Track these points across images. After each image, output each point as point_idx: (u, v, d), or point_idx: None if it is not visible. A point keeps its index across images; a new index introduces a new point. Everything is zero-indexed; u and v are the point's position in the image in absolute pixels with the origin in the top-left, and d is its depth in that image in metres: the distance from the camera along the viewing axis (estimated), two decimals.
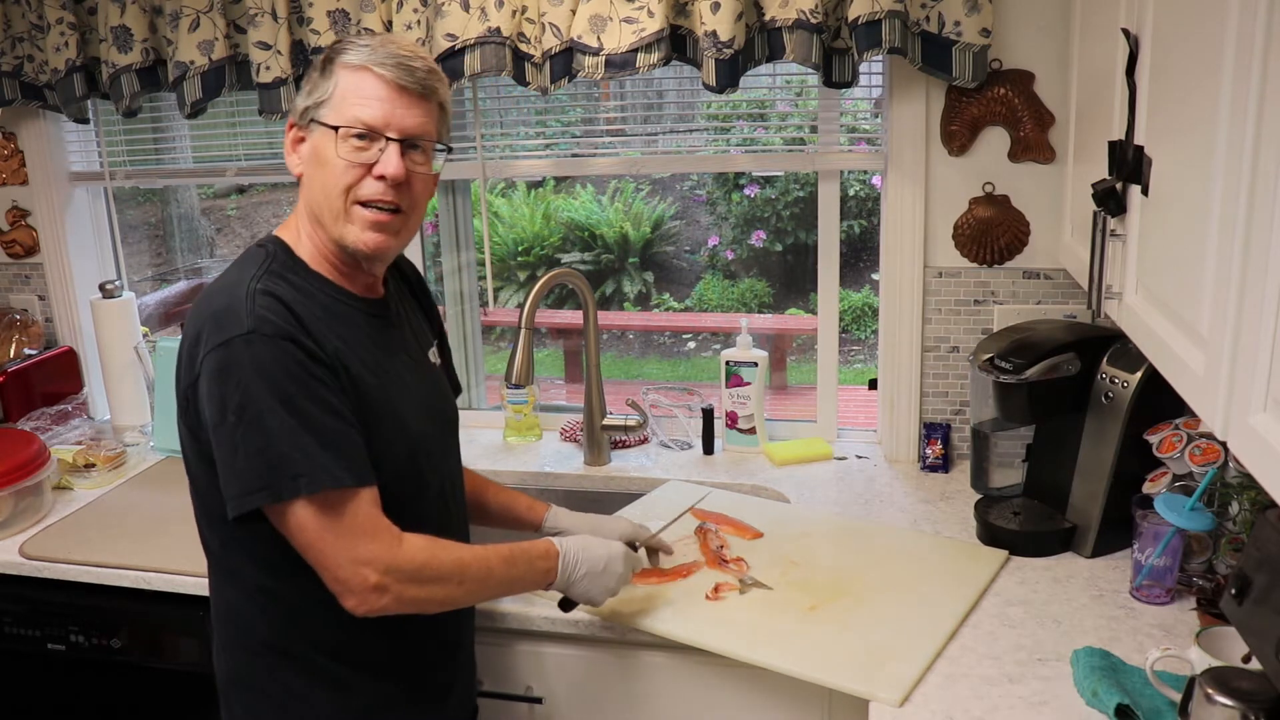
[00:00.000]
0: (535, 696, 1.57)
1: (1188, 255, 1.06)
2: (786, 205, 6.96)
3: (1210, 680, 1.10)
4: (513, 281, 7.06)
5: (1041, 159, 1.88)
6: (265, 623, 1.28)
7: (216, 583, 1.33)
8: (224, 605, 1.32)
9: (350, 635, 1.27)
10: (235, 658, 1.32)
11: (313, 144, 1.24)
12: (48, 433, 2.28)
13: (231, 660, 1.33)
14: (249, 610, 1.29)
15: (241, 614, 1.30)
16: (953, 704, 1.28)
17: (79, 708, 1.86)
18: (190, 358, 1.18)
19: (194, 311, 1.20)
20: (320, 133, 1.22)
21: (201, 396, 1.16)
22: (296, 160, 1.26)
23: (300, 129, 1.25)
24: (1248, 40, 0.89)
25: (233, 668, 1.33)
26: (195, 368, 1.16)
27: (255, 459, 1.13)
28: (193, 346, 1.18)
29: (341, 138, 1.20)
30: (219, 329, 1.15)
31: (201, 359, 1.15)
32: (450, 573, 1.25)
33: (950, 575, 1.59)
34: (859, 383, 3.20)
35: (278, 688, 1.29)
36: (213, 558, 1.31)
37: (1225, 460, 1.46)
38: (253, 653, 1.30)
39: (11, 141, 2.40)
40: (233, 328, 1.14)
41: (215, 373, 1.14)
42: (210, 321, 1.16)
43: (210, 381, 1.14)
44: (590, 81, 1.89)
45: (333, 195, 1.22)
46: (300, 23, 2.00)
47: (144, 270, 5.56)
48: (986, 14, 1.76)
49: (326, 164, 1.22)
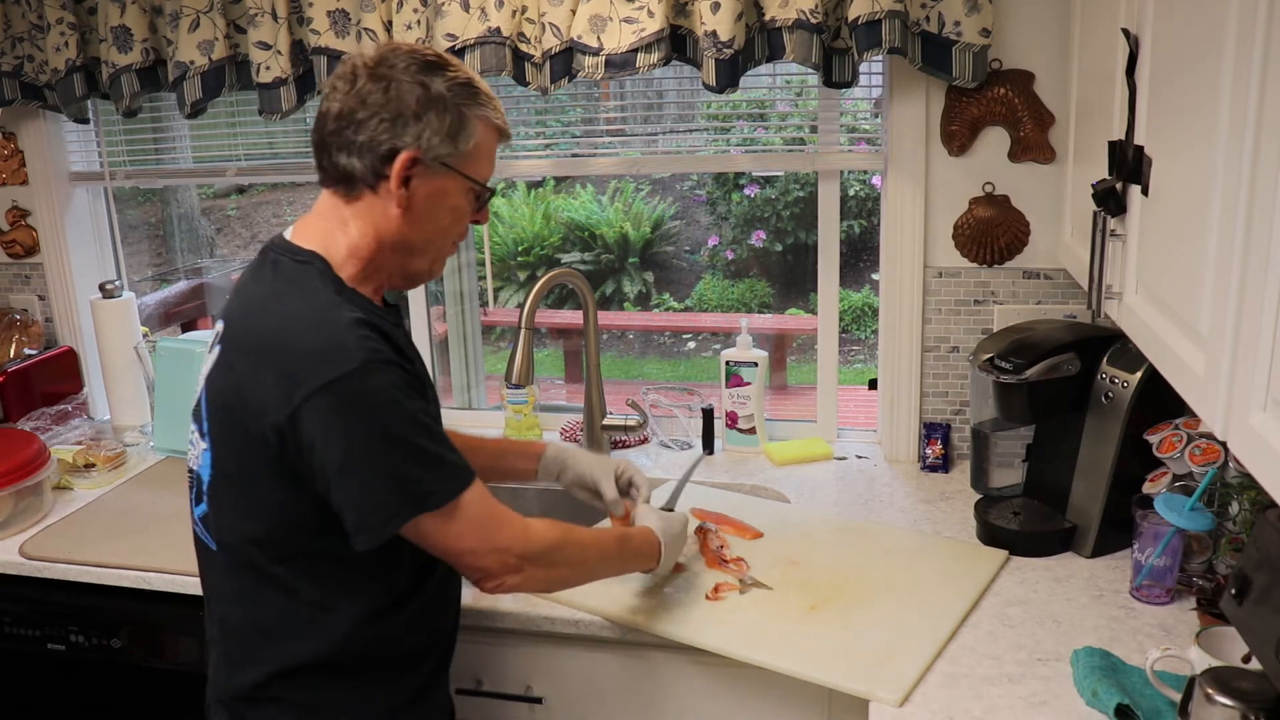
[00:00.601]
0: (535, 696, 1.57)
1: (1188, 255, 1.06)
2: (786, 205, 6.96)
3: (1210, 680, 1.10)
4: (513, 281, 7.06)
5: (1041, 159, 1.88)
6: (311, 639, 1.25)
7: (253, 601, 1.26)
8: (258, 623, 1.27)
9: (387, 646, 1.29)
10: (259, 673, 1.27)
11: (438, 186, 1.23)
12: (48, 433, 2.28)
13: (252, 675, 1.28)
14: (295, 627, 1.25)
15: (286, 631, 1.26)
16: (953, 704, 1.28)
17: (79, 708, 1.86)
18: (284, 394, 1.13)
19: (268, 343, 1.16)
20: (454, 181, 1.24)
21: (311, 433, 1.13)
22: (404, 193, 1.21)
23: (424, 165, 1.21)
24: (1248, 40, 0.89)
25: (254, 683, 1.28)
26: (292, 404, 1.12)
27: (390, 486, 1.15)
28: (285, 382, 1.13)
29: (478, 195, 1.27)
30: (325, 365, 1.12)
31: (308, 396, 1.12)
32: (573, 556, 1.34)
33: (950, 575, 1.59)
34: (859, 383, 3.21)
35: (304, 700, 1.28)
36: (258, 577, 1.25)
37: (1225, 460, 1.46)
38: (286, 669, 1.26)
39: (11, 141, 2.40)
40: (343, 363, 1.12)
41: (335, 409, 1.12)
42: (310, 359, 1.13)
43: (329, 418, 1.12)
44: (590, 81, 1.89)
45: (446, 241, 1.29)
46: (300, 23, 2.00)
47: (144, 270, 5.56)
48: (986, 14, 1.76)
49: (454, 213, 1.26)
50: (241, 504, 1.23)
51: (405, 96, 1.18)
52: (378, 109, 1.18)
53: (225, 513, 1.25)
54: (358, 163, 1.20)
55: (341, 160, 1.21)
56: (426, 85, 1.19)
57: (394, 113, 1.18)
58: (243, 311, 1.24)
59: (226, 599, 1.30)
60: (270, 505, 1.21)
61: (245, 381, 1.17)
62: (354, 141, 1.19)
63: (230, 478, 1.22)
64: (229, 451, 1.21)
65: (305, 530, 1.21)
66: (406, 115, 1.19)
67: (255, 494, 1.21)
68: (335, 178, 1.23)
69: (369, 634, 1.27)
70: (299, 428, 1.13)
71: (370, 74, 1.19)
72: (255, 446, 1.17)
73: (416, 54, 1.22)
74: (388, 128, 1.18)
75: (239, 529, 1.25)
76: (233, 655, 1.30)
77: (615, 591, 1.57)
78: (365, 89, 1.19)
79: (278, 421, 1.14)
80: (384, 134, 1.19)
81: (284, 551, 1.23)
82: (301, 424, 1.13)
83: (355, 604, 1.26)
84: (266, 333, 1.18)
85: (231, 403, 1.18)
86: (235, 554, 1.26)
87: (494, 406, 2.42)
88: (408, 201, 1.21)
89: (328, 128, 1.21)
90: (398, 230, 1.23)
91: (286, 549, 1.23)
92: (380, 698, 1.31)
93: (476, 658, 1.59)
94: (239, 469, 1.21)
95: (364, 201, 1.23)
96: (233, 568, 1.27)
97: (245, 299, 1.26)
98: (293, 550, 1.23)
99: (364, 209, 1.23)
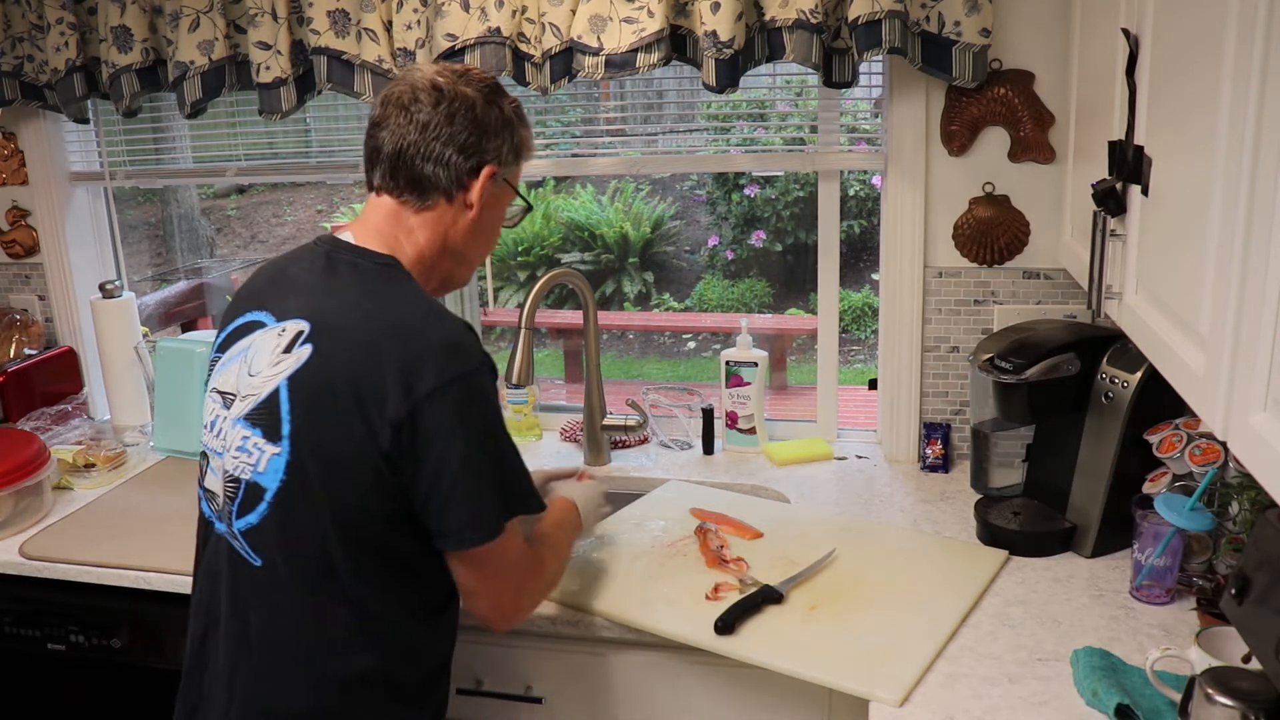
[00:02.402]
0: (535, 696, 1.57)
1: (1188, 255, 1.06)
2: (786, 205, 6.96)
3: (1210, 680, 1.10)
4: (513, 281, 7.06)
5: (1041, 159, 1.88)
6: (371, 649, 1.24)
7: (305, 613, 1.22)
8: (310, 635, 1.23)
9: (429, 655, 1.32)
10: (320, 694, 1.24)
11: (497, 199, 1.34)
12: (48, 433, 2.28)
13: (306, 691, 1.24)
14: (353, 639, 1.23)
15: (348, 643, 1.23)
16: (953, 704, 1.28)
17: (79, 708, 1.86)
18: (406, 387, 1.14)
19: (386, 338, 1.17)
20: (507, 194, 1.37)
21: (431, 427, 1.15)
22: (478, 205, 1.30)
23: (495, 179, 1.31)
24: (1248, 40, 0.89)
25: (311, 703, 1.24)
26: (415, 397, 1.14)
27: (502, 484, 1.21)
28: (408, 376, 1.14)
29: (519, 211, 1.41)
30: (451, 360, 1.17)
31: (433, 391, 1.14)
32: (557, 573, 1.43)
33: (950, 575, 1.59)
34: (859, 383, 3.20)
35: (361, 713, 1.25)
36: (316, 587, 1.21)
37: (1225, 460, 1.46)
38: (343, 685, 1.23)
39: (11, 141, 2.40)
40: (470, 360, 1.19)
41: (458, 405, 1.16)
42: (435, 354, 1.16)
43: (452, 413, 1.16)
44: (590, 81, 1.89)
45: (489, 249, 1.41)
46: (300, 23, 2.00)
47: (144, 270, 5.57)
48: (986, 14, 1.76)
49: (497, 225, 1.38)
50: (321, 505, 1.18)
51: (487, 116, 1.28)
52: (469, 124, 1.27)
53: (294, 518, 1.20)
54: (443, 173, 1.27)
55: (427, 170, 1.27)
56: (501, 107, 1.31)
57: (481, 130, 1.28)
58: (337, 310, 1.21)
59: (272, 619, 1.23)
60: (355, 504, 1.18)
61: (359, 375, 1.16)
62: (442, 154, 1.26)
63: (316, 483, 1.18)
64: (320, 450, 1.18)
65: (382, 531, 1.20)
66: (489, 132, 1.29)
67: (341, 493, 1.18)
68: (409, 187, 1.28)
69: (419, 641, 1.28)
70: (419, 421, 1.14)
71: (452, 93, 1.27)
72: (361, 441, 1.15)
73: (485, 79, 1.32)
74: (475, 142, 1.28)
75: (307, 535, 1.20)
76: (274, 673, 1.24)
77: (615, 591, 1.57)
78: (453, 106, 1.26)
79: (397, 415, 1.14)
80: (473, 148, 1.28)
81: (355, 553, 1.20)
82: (422, 417, 1.14)
83: (407, 610, 1.26)
84: (382, 329, 1.18)
85: (340, 402, 1.16)
86: (289, 566, 1.21)
87: None
88: (479, 210, 1.31)
89: (409, 138, 1.26)
90: (462, 238, 1.32)
91: (359, 550, 1.20)
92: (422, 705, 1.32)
93: (476, 658, 1.59)
94: (328, 468, 1.18)
95: (435, 211, 1.29)
96: (279, 582, 1.22)
97: (333, 299, 1.23)
98: (364, 552, 1.21)
99: (434, 218, 1.29)
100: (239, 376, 1.25)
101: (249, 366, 1.24)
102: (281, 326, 1.23)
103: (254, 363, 1.24)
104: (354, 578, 1.21)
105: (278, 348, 1.22)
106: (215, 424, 1.27)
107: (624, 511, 1.86)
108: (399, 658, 1.26)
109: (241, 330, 1.29)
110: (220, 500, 1.26)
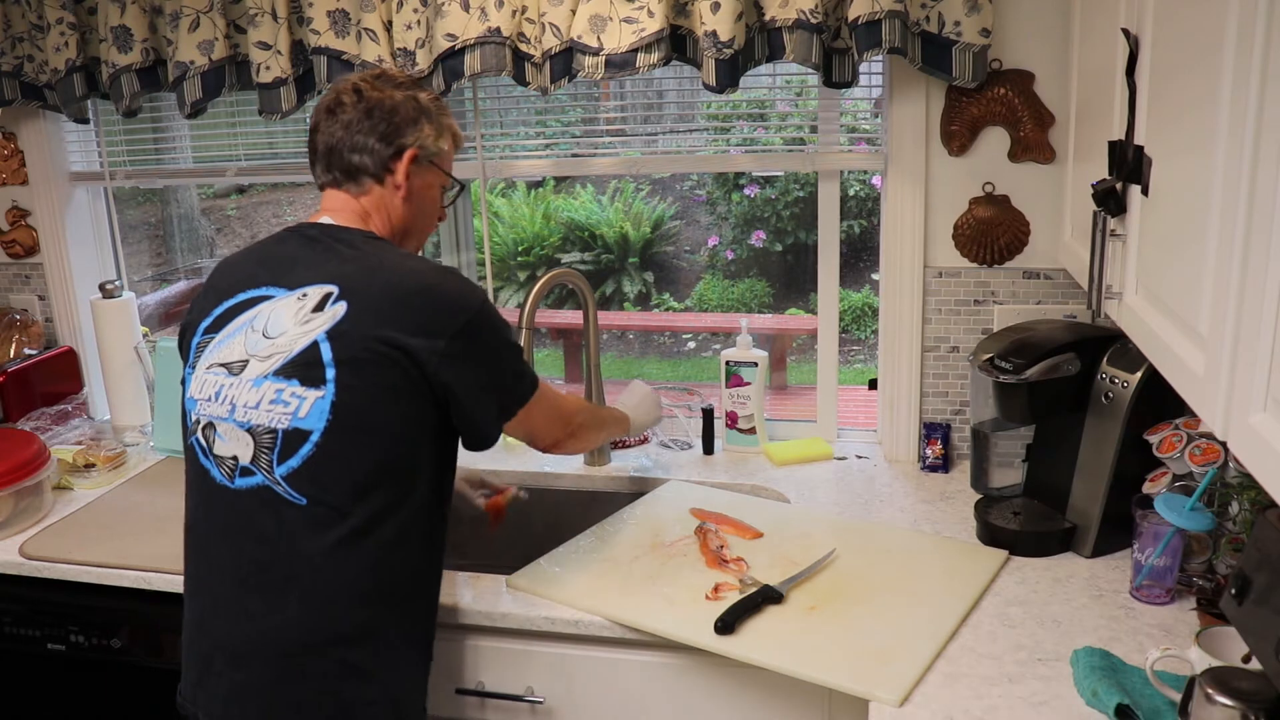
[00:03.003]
0: (536, 697, 1.57)
1: (1187, 255, 1.06)
2: (786, 205, 6.96)
3: (1210, 680, 1.10)
4: (513, 281, 7.06)
5: (1041, 159, 1.88)
6: (405, 569, 1.38)
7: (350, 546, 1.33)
8: (360, 561, 1.34)
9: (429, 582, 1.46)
10: (366, 611, 1.35)
11: (426, 180, 1.51)
12: (48, 433, 2.28)
13: (357, 615, 1.35)
14: (384, 564, 1.36)
15: (377, 568, 1.35)
16: (952, 704, 1.28)
17: (79, 708, 1.86)
18: (437, 329, 1.33)
19: (412, 291, 1.35)
20: (436, 175, 1.52)
21: (461, 360, 1.35)
22: (406, 186, 1.48)
23: (419, 161, 1.48)
24: (1248, 40, 0.89)
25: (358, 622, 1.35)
26: (444, 340, 1.33)
27: (517, 379, 1.44)
28: (435, 321, 1.34)
29: (444, 189, 1.55)
30: (469, 299, 1.38)
31: (459, 330, 1.34)
32: (596, 420, 1.71)
33: (950, 575, 1.59)
34: (859, 383, 3.21)
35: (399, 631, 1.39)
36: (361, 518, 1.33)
37: (1225, 460, 1.46)
38: (388, 600, 1.37)
39: (11, 141, 2.40)
40: (477, 296, 1.40)
41: (483, 333, 1.38)
42: (455, 300, 1.37)
43: (479, 343, 1.37)
44: (590, 81, 1.89)
45: (429, 227, 1.57)
46: (300, 23, 2.00)
47: (144, 270, 5.57)
48: (986, 14, 1.76)
49: (434, 203, 1.55)
50: (365, 440, 1.33)
51: (403, 108, 1.47)
52: (385, 116, 1.45)
53: (341, 456, 1.32)
54: (368, 159, 1.45)
55: (354, 159, 1.45)
56: (417, 99, 1.49)
57: (398, 120, 1.46)
58: (362, 274, 1.38)
59: (318, 550, 1.33)
60: (400, 434, 1.35)
61: (397, 326, 1.33)
62: (365, 144, 1.45)
63: (360, 417, 1.33)
64: (367, 392, 1.32)
65: (421, 454, 1.37)
66: (406, 121, 1.47)
67: (388, 427, 1.34)
68: (345, 177, 1.47)
69: (424, 561, 1.43)
70: (455, 355, 1.34)
71: (372, 89, 1.46)
72: (405, 382, 1.33)
73: (403, 78, 1.52)
74: (394, 130, 1.46)
75: (354, 467, 1.33)
76: (330, 600, 1.34)
77: (615, 591, 1.57)
78: (371, 103, 1.45)
79: (436, 356, 1.33)
80: (391, 135, 1.46)
81: (390, 482, 1.35)
82: (457, 352, 1.34)
83: (422, 535, 1.40)
84: (407, 284, 1.36)
85: (380, 347, 1.32)
86: (331, 499, 1.32)
87: None
88: (408, 191, 1.48)
89: (337, 136, 1.45)
90: (400, 216, 1.50)
91: (394, 479, 1.35)
92: (430, 610, 1.46)
93: (477, 658, 1.59)
94: (374, 406, 1.33)
95: (372, 196, 1.47)
96: (325, 518, 1.33)
97: (349, 265, 1.39)
98: (405, 474, 1.36)
99: (373, 201, 1.48)
100: (248, 344, 1.38)
101: (264, 331, 1.37)
102: (301, 292, 1.38)
103: (270, 328, 1.37)
104: (391, 499, 1.35)
105: (303, 309, 1.36)
106: (220, 393, 1.37)
107: (624, 511, 1.86)
108: (421, 567, 1.42)
109: (240, 308, 1.41)
110: (249, 456, 1.35)
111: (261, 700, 1.34)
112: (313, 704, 1.34)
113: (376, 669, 1.35)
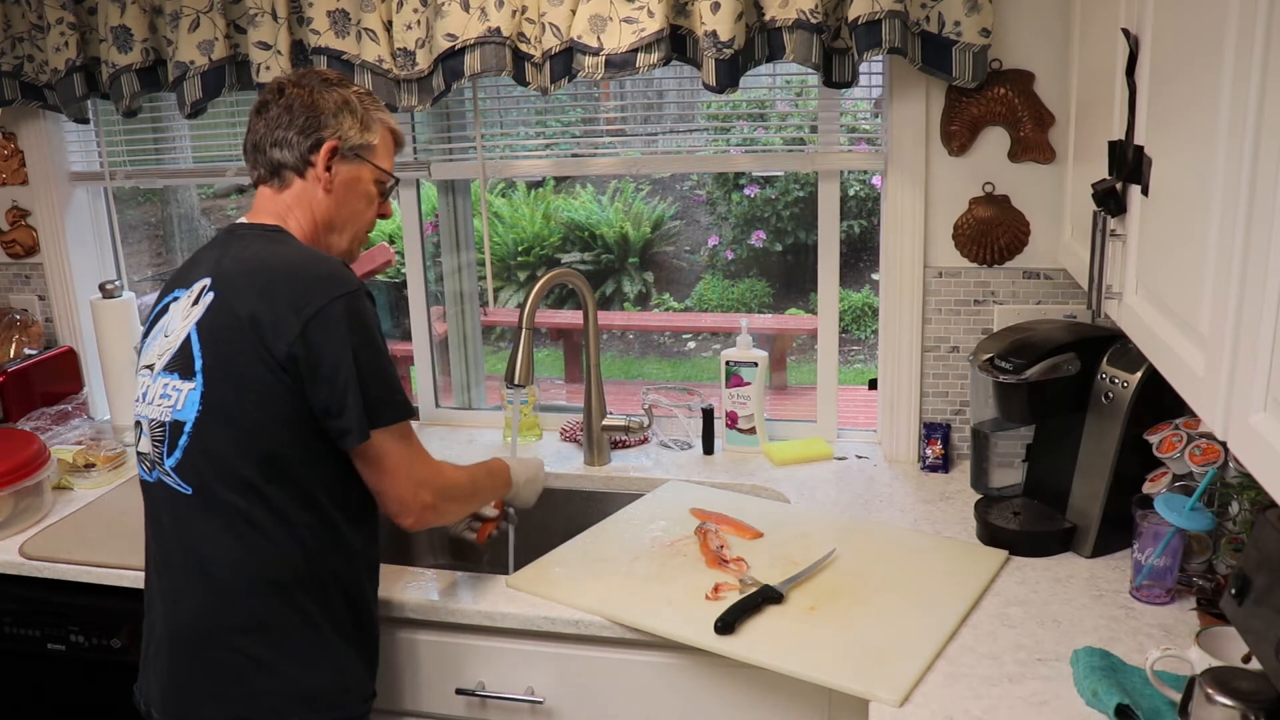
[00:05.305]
0: (536, 697, 1.57)
1: (1188, 255, 1.06)
2: (786, 205, 6.96)
3: (1210, 680, 1.10)
4: (513, 281, 7.06)
5: (1041, 159, 1.88)
6: (300, 561, 1.38)
7: (239, 531, 1.35)
8: (246, 552, 1.36)
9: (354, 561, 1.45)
10: (258, 600, 1.37)
11: (353, 174, 1.49)
12: (48, 433, 2.28)
13: (249, 605, 1.37)
14: (287, 547, 1.37)
15: (280, 554, 1.37)
16: (952, 704, 1.28)
17: (79, 708, 1.86)
18: (296, 312, 1.31)
19: (277, 278, 1.34)
20: (365, 169, 1.50)
21: (319, 342, 1.31)
22: (328, 176, 1.46)
23: (342, 154, 1.47)
24: (1248, 40, 0.89)
25: (250, 611, 1.37)
26: (303, 319, 1.31)
27: (386, 389, 1.36)
28: (296, 303, 1.32)
29: (382, 183, 1.53)
30: (333, 284, 1.34)
31: (318, 311, 1.31)
32: (467, 490, 1.56)
33: (950, 575, 1.59)
34: (859, 383, 3.21)
35: (302, 622, 1.39)
36: (246, 504, 1.35)
37: (1225, 460, 1.46)
38: (283, 591, 1.37)
39: (11, 141, 2.40)
40: (344, 285, 1.35)
41: (342, 319, 1.32)
42: (317, 283, 1.34)
43: (336, 327, 1.32)
44: (590, 81, 1.89)
45: (361, 222, 1.53)
46: (300, 23, 2.00)
47: (144, 270, 5.57)
48: (986, 14, 1.76)
49: (365, 197, 1.52)
50: (235, 427, 1.34)
51: (323, 101, 1.46)
52: (305, 110, 1.45)
53: (214, 446, 1.35)
54: (289, 153, 1.46)
55: (275, 154, 1.46)
56: (340, 92, 1.48)
57: (318, 113, 1.46)
58: (236, 264, 1.39)
59: (207, 538, 1.37)
60: (263, 421, 1.34)
61: (257, 311, 1.33)
62: (284, 138, 1.45)
63: (227, 407, 1.34)
64: (229, 380, 1.34)
65: (292, 443, 1.35)
66: (325, 113, 1.46)
67: (252, 413, 1.33)
68: (270, 173, 1.47)
69: (344, 546, 1.42)
70: (309, 338, 1.31)
71: (294, 86, 1.47)
72: (263, 364, 1.32)
73: (327, 74, 1.53)
74: (312, 124, 1.45)
75: (226, 456, 1.34)
76: (215, 589, 1.37)
77: (616, 592, 1.57)
78: (291, 99, 1.45)
79: (290, 335, 1.31)
80: (310, 128, 1.45)
81: (269, 468, 1.35)
82: (312, 334, 1.31)
83: (325, 516, 1.39)
84: (272, 270, 1.36)
85: (240, 333, 1.33)
86: (216, 486, 1.35)
87: (494, 406, 2.42)
88: (330, 183, 1.47)
89: (260, 133, 1.46)
90: (325, 209, 1.48)
91: (273, 465, 1.35)
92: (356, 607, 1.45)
93: (476, 658, 1.59)
94: (237, 392, 1.34)
95: (294, 189, 1.47)
96: (212, 506, 1.36)
97: (232, 259, 1.40)
98: (278, 466, 1.35)
99: (296, 197, 1.47)
100: (158, 345, 1.43)
101: (165, 331, 1.42)
102: (190, 290, 1.42)
103: (169, 327, 1.42)
104: (274, 489, 1.35)
105: (187, 305, 1.41)
106: (146, 394, 1.43)
107: (624, 511, 1.86)
108: (326, 562, 1.40)
109: (161, 313, 1.47)
110: (149, 450, 1.41)
111: (181, 688, 1.40)
112: (220, 694, 1.38)
113: (277, 660, 1.38)
